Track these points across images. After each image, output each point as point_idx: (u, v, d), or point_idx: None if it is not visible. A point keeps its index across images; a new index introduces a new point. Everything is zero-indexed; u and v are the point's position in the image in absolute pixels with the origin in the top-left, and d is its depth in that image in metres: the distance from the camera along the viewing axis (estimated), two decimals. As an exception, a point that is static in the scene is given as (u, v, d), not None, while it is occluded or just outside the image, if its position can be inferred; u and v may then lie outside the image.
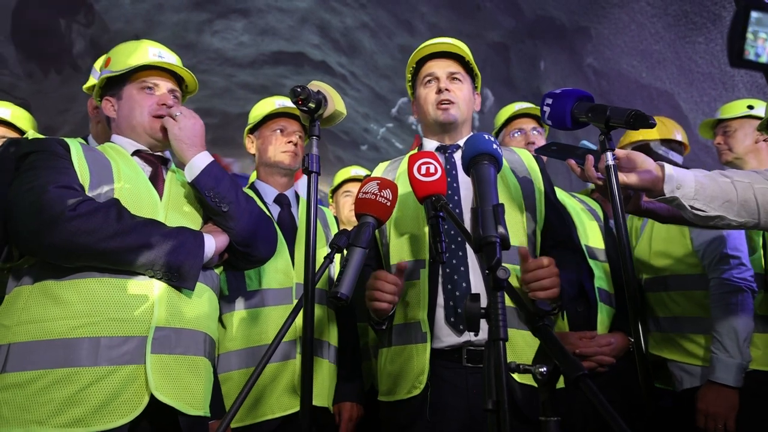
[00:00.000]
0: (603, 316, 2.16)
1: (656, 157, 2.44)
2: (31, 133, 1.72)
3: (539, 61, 5.70)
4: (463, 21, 5.76)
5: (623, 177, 1.44)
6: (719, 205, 1.45)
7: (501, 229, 1.06)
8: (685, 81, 4.77)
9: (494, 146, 1.28)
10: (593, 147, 1.92)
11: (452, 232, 1.70)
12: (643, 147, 2.51)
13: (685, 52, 4.66)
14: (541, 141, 2.52)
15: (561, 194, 2.42)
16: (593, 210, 2.42)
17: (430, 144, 1.91)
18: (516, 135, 2.57)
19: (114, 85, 1.77)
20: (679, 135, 2.59)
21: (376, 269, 1.80)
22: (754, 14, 1.04)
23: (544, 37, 5.49)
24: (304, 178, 1.68)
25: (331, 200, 3.48)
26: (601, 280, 2.20)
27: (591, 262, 2.20)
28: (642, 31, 4.81)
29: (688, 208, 1.44)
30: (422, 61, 1.91)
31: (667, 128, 2.56)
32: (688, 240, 2.19)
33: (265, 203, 2.15)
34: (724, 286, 2.04)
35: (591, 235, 2.30)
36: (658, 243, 2.28)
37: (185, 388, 1.50)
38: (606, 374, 2.04)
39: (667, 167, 1.46)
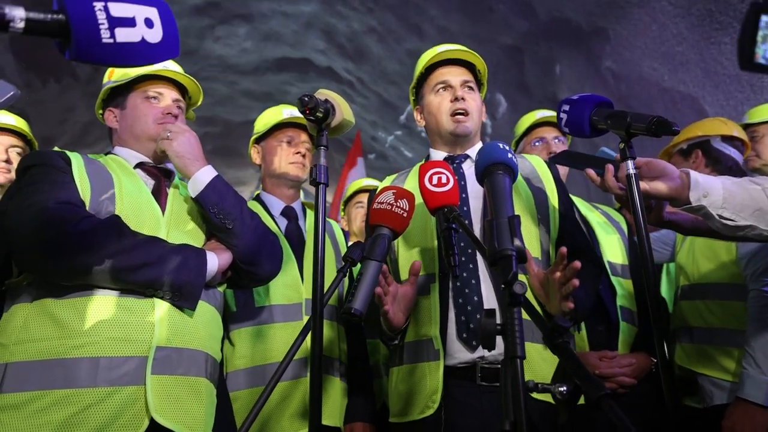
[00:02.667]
0: (625, 335, 2.15)
1: (717, 154, 2.42)
2: None
3: (555, 65, 5.70)
4: (475, 24, 5.79)
5: (645, 185, 1.42)
6: (749, 214, 1.43)
7: (517, 242, 1.06)
8: (710, 84, 4.76)
9: (509, 155, 1.29)
10: (613, 154, 1.92)
11: (462, 244, 1.70)
12: (704, 143, 2.48)
13: (710, 54, 4.66)
14: (563, 150, 2.51)
15: (582, 206, 2.41)
16: (616, 222, 2.40)
17: (438, 155, 1.92)
18: (537, 144, 2.57)
19: (117, 95, 1.80)
20: (736, 132, 2.55)
21: None
22: (764, 18, 1.07)
23: (559, 40, 5.49)
24: None
25: (343, 213, 3.49)
26: (623, 298, 2.19)
27: (613, 279, 2.20)
28: (664, 32, 4.80)
29: (716, 217, 1.42)
30: (431, 68, 1.92)
31: (727, 126, 2.54)
32: (734, 246, 2.16)
33: (271, 216, 2.17)
34: (763, 299, 2.01)
35: (611, 250, 2.28)
36: (702, 247, 2.26)
37: (186, 411, 1.50)
38: (626, 397, 2.03)
39: (693, 174, 1.44)
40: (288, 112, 2.23)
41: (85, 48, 0.82)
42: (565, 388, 0.94)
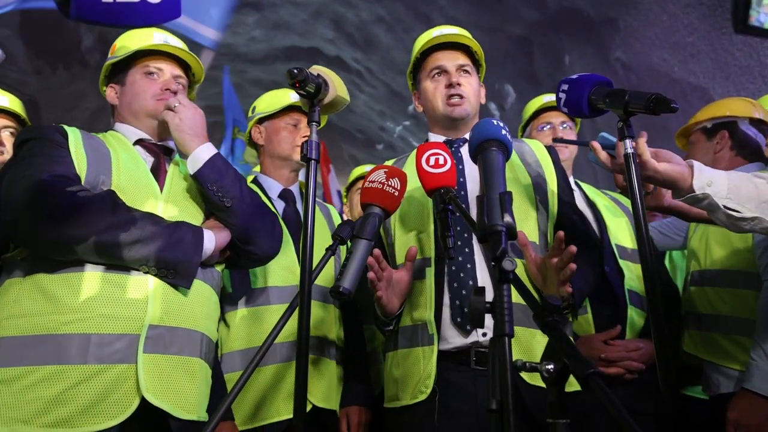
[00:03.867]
0: (633, 319, 2.10)
1: (744, 137, 2.31)
2: None
3: (564, 55, 5.65)
4: (484, 13, 5.74)
5: (654, 164, 1.40)
6: (755, 206, 1.40)
7: (507, 218, 1.03)
8: (720, 75, 4.70)
9: (503, 132, 1.26)
10: (614, 139, 1.88)
11: (458, 228, 1.68)
12: (730, 124, 2.35)
13: (720, 44, 4.59)
14: (571, 136, 2.44)
15: (589, 191, 2.37)
16: (624, 207, 2.35)
17: (436, 138, 1.90)
18: (544, 129, 2.48)
19: (118, 71, 1.77)
20: (763, 116, 2.40)
21: None
22: None
23: (569, 30, 5.44)
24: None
25: (345, 199, 3.47)
26: (631, 281, 2.14)
27: (621, 262, 2.15)
28: (674, 22, 4.74)
29: (722, 207, 1.39)
30: (427, 52, 1.89)
31: (755, 108, 2.41)
32: (750, 234, 2.07)
33: (269, 198, 2.15)
34: None
35: (619, 232, 2.24)
36: (716, 233, 2.18)
37: (178, 391, 1.48)
38: (634, 383, 1.99)
39: (696, 163, 1.42)
40: (296, 95, 2.20)
41: (85, 7, 0.81)
42: (552, 366, 0.91)
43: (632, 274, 2.16)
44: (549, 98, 2.55)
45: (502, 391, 0.92)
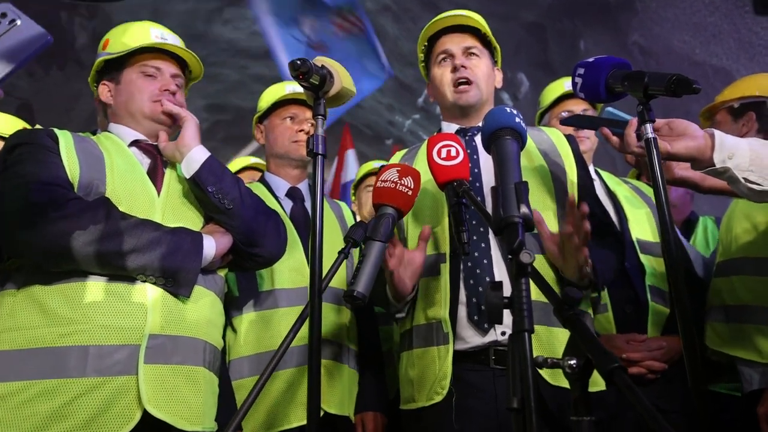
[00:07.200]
0: (655, 316, 2.08)
1: None
2: None
3: (579, 41, 5.62)
4: (495, 0, 5.73)
5: (666, 146, 1.38)
6: None
7: (524, 209, 1.02)
8: (744, 56, 4.65)
9: (516, 120, 1.26)
10: (620, 113, 1.86)
11: (474, 222, 1.67)
12: (759, 105, 2.30)
13: (744, 24, 4.55)
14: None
15: (609, 180, 2.36)
16: (647, 196, 2.32)
17: (449, 127, 1.89)
18: (565, 116, 2.41)
19: (112, 68, 1.76)
20: None
21: None
22: None
23: (584, 14, 5.41)
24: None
25: (354, 197, 3.47)
26: (653, 276, 2.13)
27: (642, 257, 2.14)
28: (694, 2, 4.71)
29: (742, 180, 1.38)
30: (434, 39, 1.89)
31: None
32: None
33: (276, 197, 2.15)
34: None
35: (639, 225, 2.22)
36: (740, 219, 2.15)
37: (182, 402, 1.48)
38: (662, 378, 1.98)
39: (718, 134, 1.40)
40: (291, 88, 2.21)
41: None
42: (575, 361, 0.91)
43: (653, 270, 2.14)
44: (569, 85, 2.50)
45: (523, 387, 0.92)
